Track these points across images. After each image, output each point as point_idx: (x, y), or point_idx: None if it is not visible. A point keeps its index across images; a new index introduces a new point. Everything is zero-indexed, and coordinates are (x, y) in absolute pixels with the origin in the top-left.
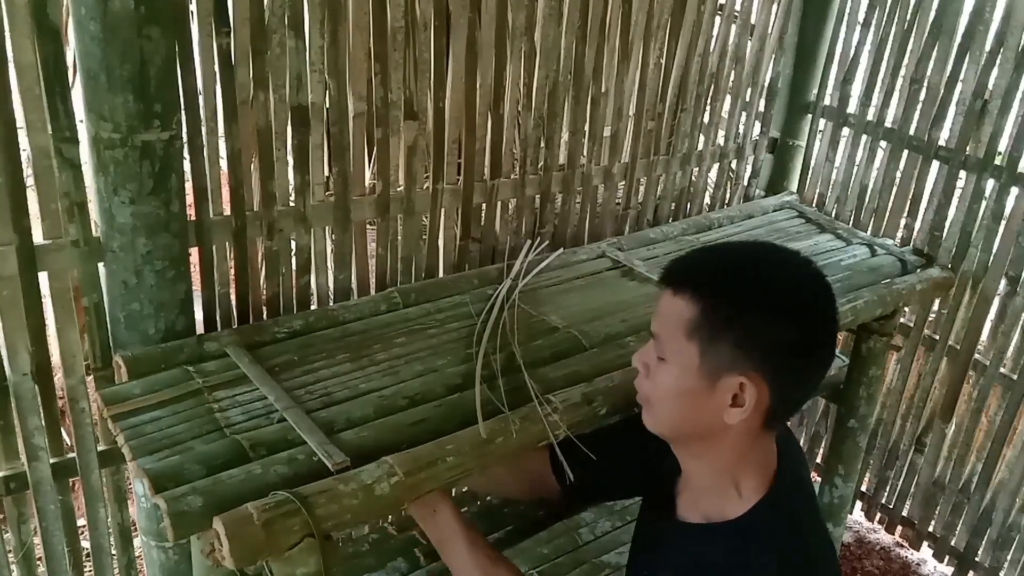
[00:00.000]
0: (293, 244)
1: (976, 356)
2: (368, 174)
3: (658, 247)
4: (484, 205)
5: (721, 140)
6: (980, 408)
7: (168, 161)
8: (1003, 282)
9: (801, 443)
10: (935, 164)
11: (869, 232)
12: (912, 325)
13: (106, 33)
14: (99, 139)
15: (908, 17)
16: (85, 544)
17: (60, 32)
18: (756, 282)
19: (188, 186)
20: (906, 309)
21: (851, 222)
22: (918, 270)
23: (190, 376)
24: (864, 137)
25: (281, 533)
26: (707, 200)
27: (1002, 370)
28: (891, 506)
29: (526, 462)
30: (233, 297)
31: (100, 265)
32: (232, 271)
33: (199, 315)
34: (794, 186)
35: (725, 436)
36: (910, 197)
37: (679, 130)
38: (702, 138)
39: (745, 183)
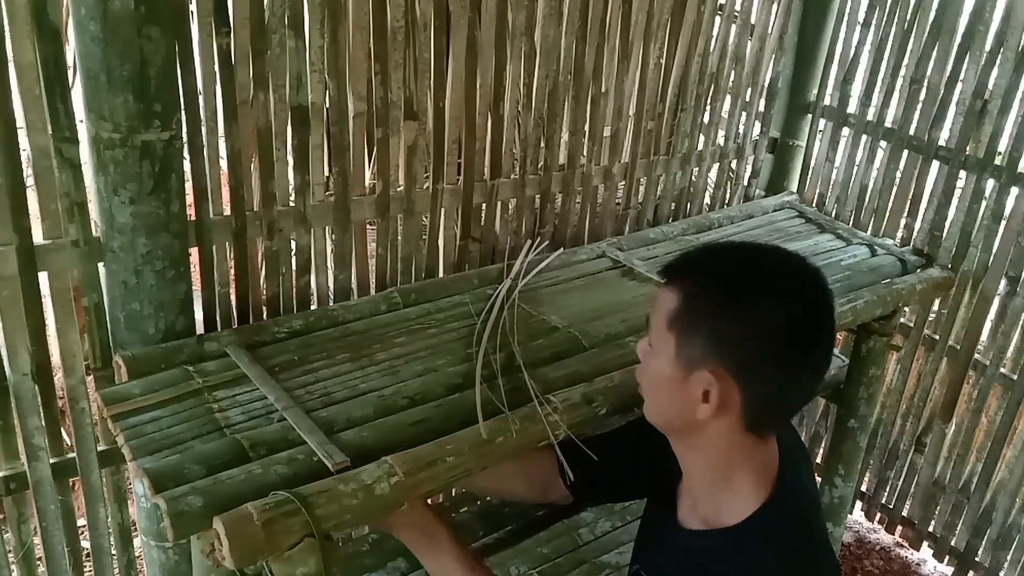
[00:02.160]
0: (293, 244)
1: (976, 356)
2: (368, 174)
3: (658, 247)
4: (484, 205)
5: (721, 140)
6: (980, 408)
7: (168, 161)
8: (1003, 282)
9: None
10: (935, 164)
11: (869, 232)
12: (912, 325)
13: (106, 33)
14: (99, 139)
15: (908, 17)
16: (85, 544)
17: (60, 32)
18: (735, 280)
19: (188, 186)
20: (906, 309)
21: (851, 222)
22: (918, 270)
23: (190, 376)
24: (864, 137)
25: (281, 533)
26: (707, 200)
27: (1002, 370)
28: (891, 506)
29: (533, 465)
30: (233, 297)
31: (100, 265)
32: (232, 271)
33: (199, 315)
34: (794, 186)
35: (707, 434)
36: (910, 197)
37: (679, 130)
38: (702, 138)
39: (745, 183)
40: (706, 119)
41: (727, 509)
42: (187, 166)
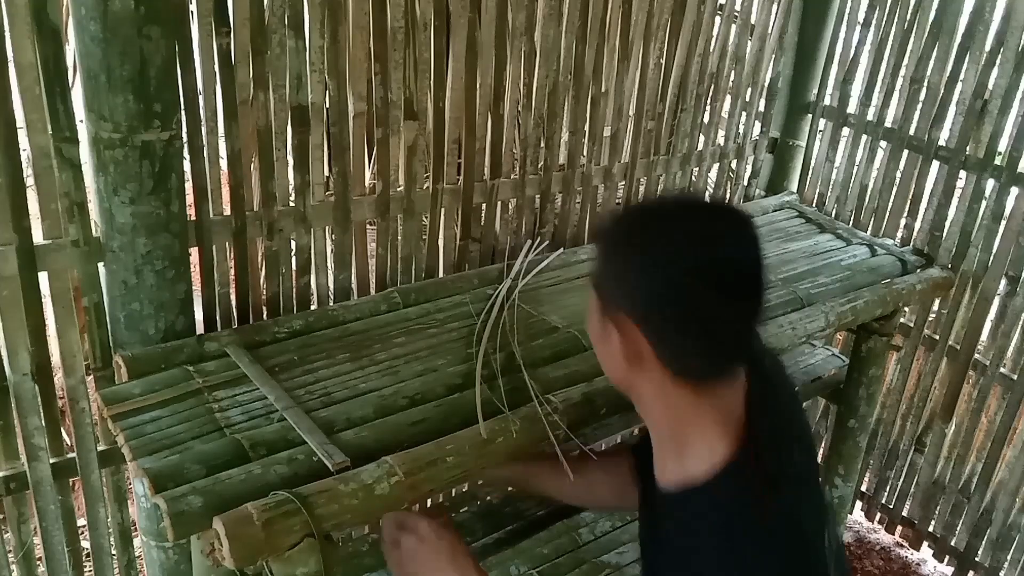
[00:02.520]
0: (293, 244)
1: (976, 356)
2: (368, 174)
3: None
4: (484, 205)
5: (721, 140)
6: (980, 408)
7: (168, 161)
8: (1003, 282)
9: None
10: (935, 164)
11: (869, 232)
12: (912, 325)
13: (106, 33)
14: (99, 139)
15: (908, 17)
16: (85, 544)
17: (60, 32)
18: (635, 229)
19: (188, 186)
20: (906, 309)
21: (851, 222)
22: (918, 270)
23: (190, 376)
24: (864, 137)
25: (281, 533)
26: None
27: (1002, 370)
28: (891, 506)
29: (616, 470)
30: (233, 297)
31: (100, 265)
32: (232, 271)
33: (199, 315)
34: (794, 186)
35: (642, 389)
36: (910, 197)
37: (679, 130)
38: (702, 138)
39: (745, 183)
40: (706, 119)
41: (688, 466)
42: (187, 166)
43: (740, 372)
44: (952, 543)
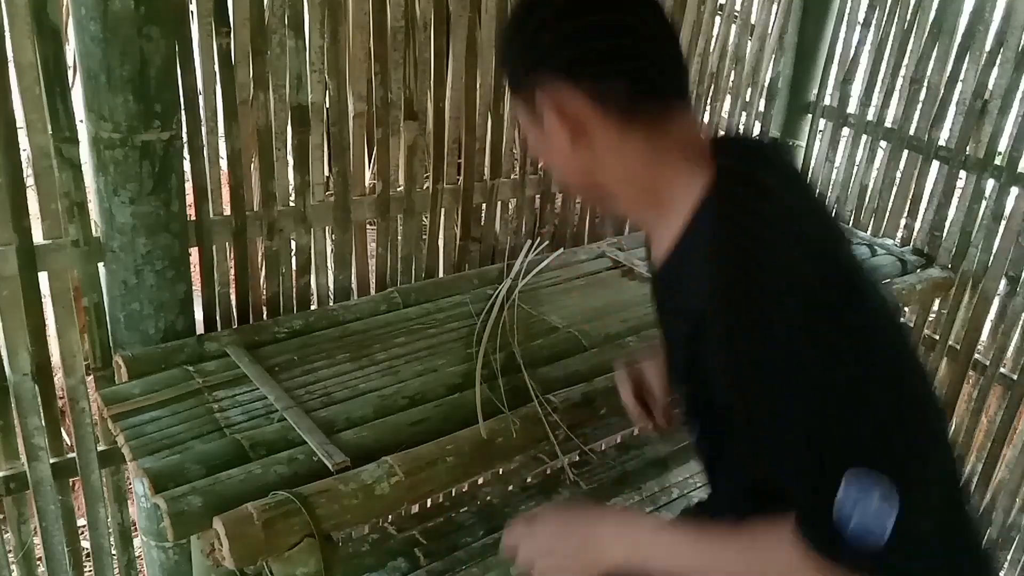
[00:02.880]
0: (293, 244)
1: (976, 356)
2: (368, 174)
3: None
4: (484, 205)
5: None
6: (980, 408)
7: (168, 161)
8: (1003, 282)
9: None
10: (935, 164)
11: (869, 232)
12: (912, 325)
13: (106, 33)
14: (99, 139)
15: (908, 17)
16: (85, 544)
17: (60, 32)
18: (523, 12)
19: (188, 186)
20: (906, 309)
21: (851, 222)
22: (918, 270)
23: (190, 376)
24: (864, 137)
25: (281, 533)
26: None
27: (1002, 370)
28: None
29: None
30: (233, 297)
31: (100, 265)
32: (232, 271)
33: (199, 315)
34: None
35: (603, 168)
36: (910, 197)
37: None
38: None
39: None
40: (706, 119)
41: (675, 218)
42: (187, 166)
43: (688, 107)
44: None
